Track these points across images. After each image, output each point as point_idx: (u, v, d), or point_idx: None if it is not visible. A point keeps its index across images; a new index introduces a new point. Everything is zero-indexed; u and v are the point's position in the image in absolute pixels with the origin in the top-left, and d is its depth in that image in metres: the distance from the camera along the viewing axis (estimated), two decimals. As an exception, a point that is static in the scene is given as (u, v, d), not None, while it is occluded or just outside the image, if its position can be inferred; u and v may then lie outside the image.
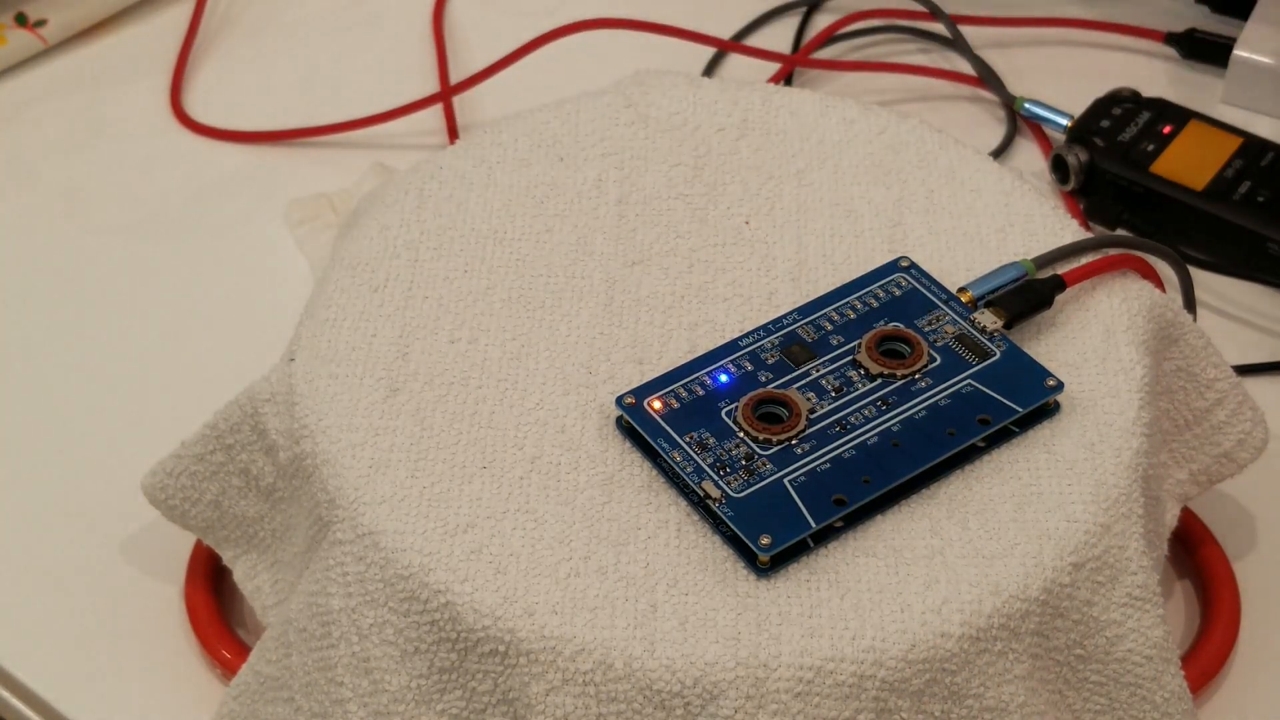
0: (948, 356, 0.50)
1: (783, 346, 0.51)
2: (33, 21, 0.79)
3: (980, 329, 0.51)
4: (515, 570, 0.46)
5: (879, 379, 0.50)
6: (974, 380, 0.50)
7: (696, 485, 0.47)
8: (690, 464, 0.47)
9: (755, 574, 0.46)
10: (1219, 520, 0.58)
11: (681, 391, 0.49)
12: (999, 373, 0.50)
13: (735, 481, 0.47)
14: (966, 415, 0.49)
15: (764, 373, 0.50)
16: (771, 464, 0.47)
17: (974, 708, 0.45)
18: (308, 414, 0.49)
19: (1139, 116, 0.71)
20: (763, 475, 0.47)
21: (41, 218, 0.72)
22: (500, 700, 0.45)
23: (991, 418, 0.48)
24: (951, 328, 0.51)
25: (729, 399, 0.49)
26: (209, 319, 0.67)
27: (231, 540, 0.54)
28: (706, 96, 0.59)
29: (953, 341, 0.51)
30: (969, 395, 0.49)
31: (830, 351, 0.51)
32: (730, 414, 0.49)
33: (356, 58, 0.80)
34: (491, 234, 0.55)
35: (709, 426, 0.48)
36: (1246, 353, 0.65)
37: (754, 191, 0.56)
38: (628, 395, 0.49)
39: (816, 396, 0.49)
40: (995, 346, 0.50)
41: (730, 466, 0.47)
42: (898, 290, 0.52)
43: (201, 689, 0.55)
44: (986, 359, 0.50)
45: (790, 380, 0.50)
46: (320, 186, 0.72)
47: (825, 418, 0.49)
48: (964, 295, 0.52)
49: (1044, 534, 0.46)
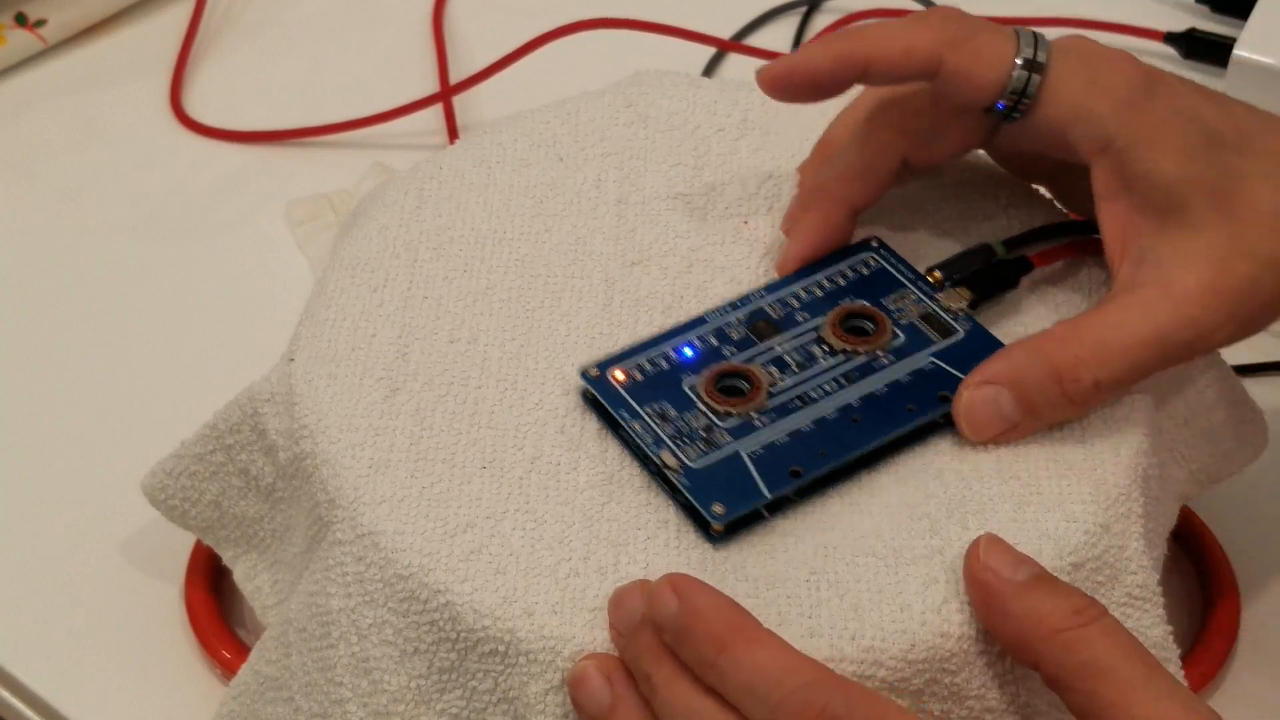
0: (911, 334, 0.51)
1: (749, 322, 0.51)
2: (32, 21, 0.79)
3: (945, 308, 0.51)
4: (515, 570, 0.46)
5: (841, 355, 0.50)
6: (936, 358, 0.50)
7: (655, 455, 0.47)
8: (650, 434, 0.48)
9: (711, 542, 0.46)
10: (1219, 520, 0.58)
11: (645, 364, 0.50)
12: (962, 351, 0.50)
13: (693, 452, 0.47)
14: (927, 392, 0.49)
15: (728, 347, 0.50)
16: (730, 436, 0.48)
17: (974, 708, 0.45)
18: (307, 414, 0.49)
19: (1139, 116, 0.71)
20: (720, 446, 0.48)
21: (41, 218, 0.72)
22: (500, 700, 0.45)
23: (952, 394, 0.49)
24: (917, 306, 0.52)
25: (692, 372, 0.50)
26: (209, 319, 0.67)
27: (231, 540, 0.54)
28: (706, 96, 0.59)
29: (917, 320, 0.51)
30: (930, 372, 0.50)
31: (795, 328, 0.51)
32: (692, 387, 0.49)
33: (356, 58, 0.80)
34: (491, 234, 0.55)
35: (670, 398, 0.49)
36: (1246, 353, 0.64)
37: (753, 191, 0.56)
38: (592, 367, 0.50)
39: (779, 371, 0.50)
40: (960, 325, 0.51)
41: (689, 437, 0.48)
42: (866, 269, 0.53)
43: (201, 689, 0.55)
44: (950, 337, 0.51)
45: (754, 355, 0.50)
46: (320, 186, 0.72)
47: (786, 392, 0.49)
48: (932, 275, 0.52)
49: (1044, 534, 0.46)
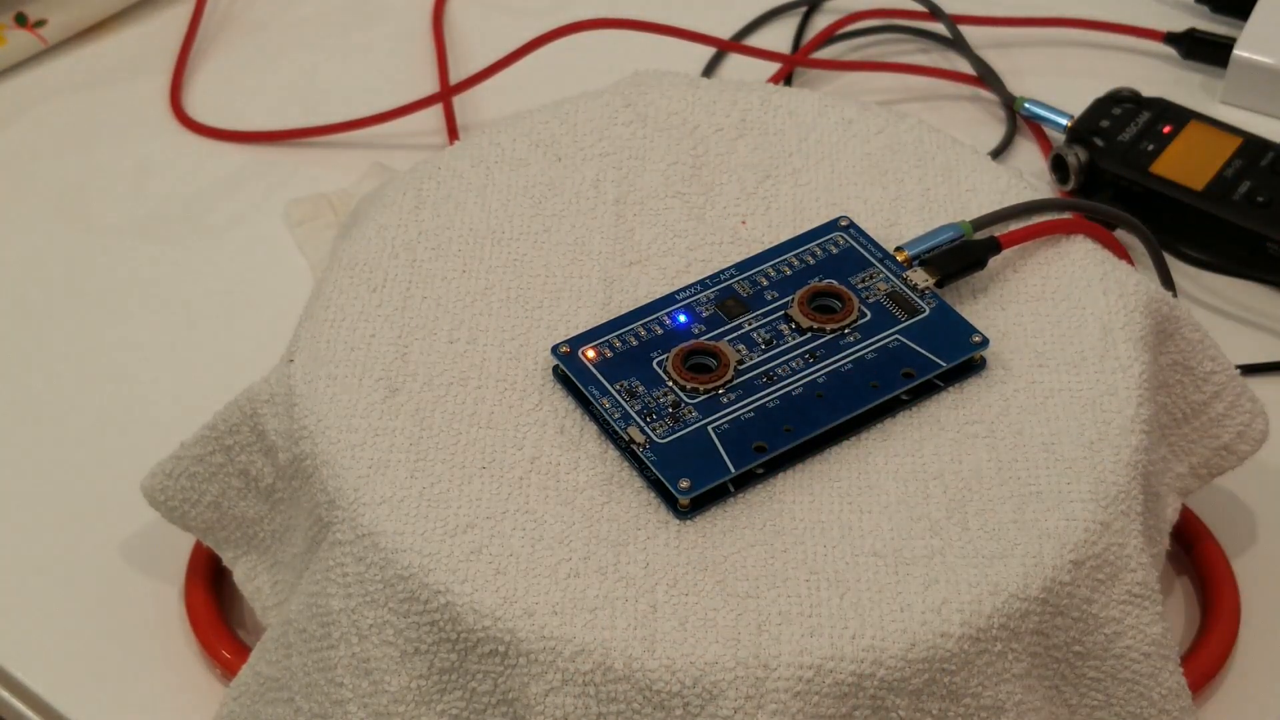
0: (878, 312, 0.51)
1: (718, 300, 0.52)
2: (33, 21, 0.79)
3: (912, 287, 0.52)
4: (515, 570, 0.46)
5: (809, 333, 0.51)
6: (902, 336, 0.51)
7: (622, 431, 0.48)
8: (618, 410, 0.49)
9: (676, 516, 0.47)
10: (1218, 519, 0.58)
11: (616, 341, 0.51)
12: (927, 329, 0.51)
13: (660, 428, 0.48)
14: (891, 369, 0.50)
15: (698, 325, 0.51)
16: (697, 412, 0.49)
17: (971, 706, 0.45)
18: (307, 415, 0.49)
19: (1139, 116, 0.71)
20: (687, 423, 0.48)
21: (41, 218, 0.72)
22: (500, 701, 0.45)
23: (916, 371, 0.50)
24: (884, 285, 0.52)
25: (661, 350, 0.50)
26: (209, 319, 0.67)
27: (231, 541, 0.54)
28: (705, 96, 0.59)
29: (884, 299, 0.52)
30: (896, 350, 0.50)
31: (764, 306, 0.52)
32: (661, 364, 0.50)
33: (356, 58, 0.80)
34: (490, 234, 0.55)
35: (640, 375, 0.50)
36: (1246, 353, 0.65)
37: (751, 191, 0.56)
38: (563, 344, 0.50)
39: (747, 349, 0.50)
40: (926, 304, 0.52)
41: (657, 414, 0.49)
42: (835, 248, 0.53)
43: (201, 689, 0.55)
44: (916, 315, 0.51)
45: (723, 333, 0.51)
46: (320, 186, 0.72)
47: (753, 369, 0.50)
48: (900, 254, 0.53)
49: (1044, 533, 0.46)
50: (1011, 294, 0.53)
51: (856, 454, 0.49)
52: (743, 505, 0.47)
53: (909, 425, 0.49)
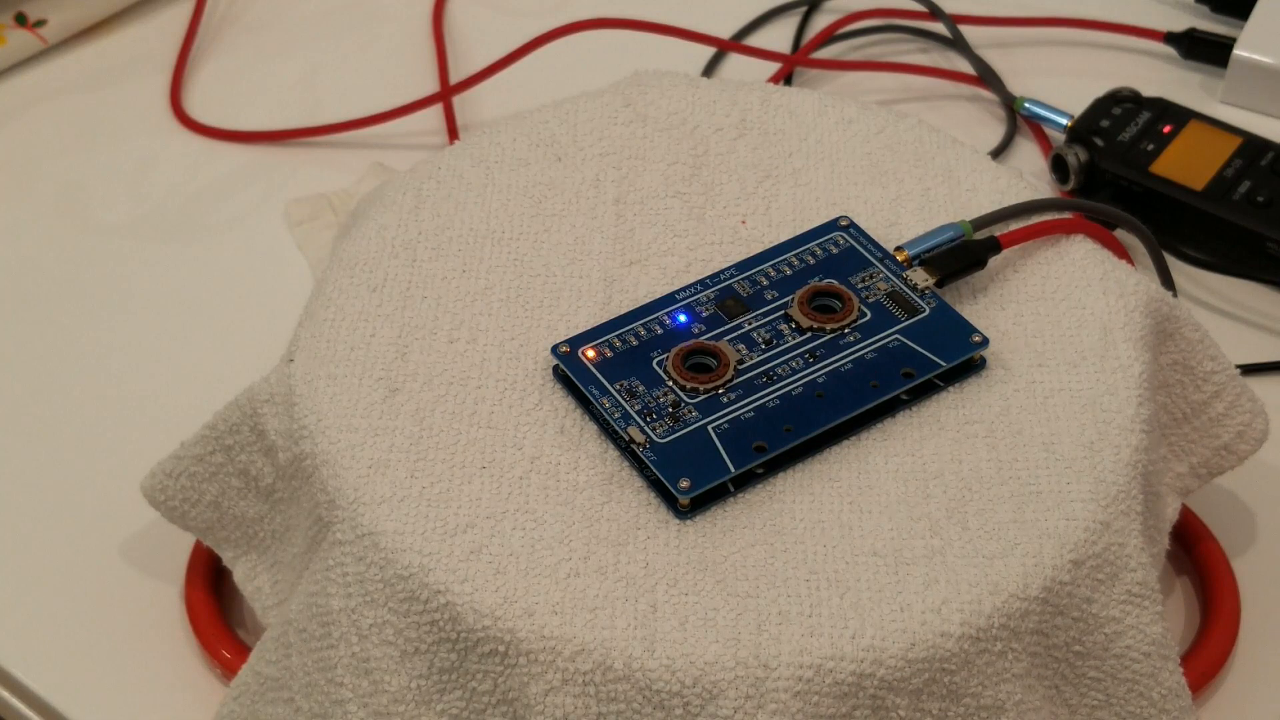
0: (878, 312, 0.51)
1: (718, 300, 0.52)
2: (33, 21, 0.79)
3: (912, 286, 0.52)
4: (515, 570, 0.46)
5: (808, 332, 0.51)
6: (901, 335, 0.51)
7: (622, 430, 0.48)
8: (618, 410, 0.49)
9: (676, 516, 0.47)
10: (1218, 519, 0.58)
11: (616, 341, 0.51)
12: (927, 329, 0.51)
13: (660, 428, 0.48)
14: (891, 369, 0.50)
15: (698, 325, 0.51)
16: (697, 412, 0.49)
17: (971, 705, 0.45)
18: (307, 414, 0.49)
19: (1139, 116, 0.71)
20: (687, 422, 0.48)
21: (41, 218, 0.72)
22: (500, 700, 0.45)
23: (916, 371, 0.50)
24: (884, 285, 0.52)
25: (661, 349, 0.50)
26: (209, 319, 0.67)
27: (231, 541, 0.54)
28: (705, 96, 0.59)
29: (884, 298, 0.52)
30: (895, 350, 0.50)
31: (764, 306, 0.52)
32: (661, 364, 0.50)
33: (356, 58, 0.80)
34: (490, 234, 0.55)
35: (640, 375, 0.50)
36: (1246, 353, 0.65)
37: (750, 191, 0.56)
38: (563, 344, 0.50)
39: (746, 348, 0.50)
40: (926, 304, 0.52)
41: (657, 413, 0.49)
42: (835, 248, 0.53)
43: (201, 689, 0.55)
44: (915, 315, 0.51)
45: (723, 333, 0.51)
46: (320, 186, 0.72)
47: (753, 369, 0.50)
48: (899, 254, 0.53)
49: (1044, 533, 0.46)
50: (1011, 294, 0.53)
51: (856, 454, 0.49)
52: (743, 505, 0.47)
53: (909, 425, 0.49)
